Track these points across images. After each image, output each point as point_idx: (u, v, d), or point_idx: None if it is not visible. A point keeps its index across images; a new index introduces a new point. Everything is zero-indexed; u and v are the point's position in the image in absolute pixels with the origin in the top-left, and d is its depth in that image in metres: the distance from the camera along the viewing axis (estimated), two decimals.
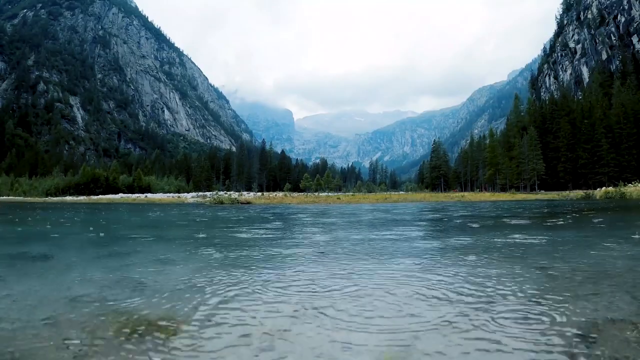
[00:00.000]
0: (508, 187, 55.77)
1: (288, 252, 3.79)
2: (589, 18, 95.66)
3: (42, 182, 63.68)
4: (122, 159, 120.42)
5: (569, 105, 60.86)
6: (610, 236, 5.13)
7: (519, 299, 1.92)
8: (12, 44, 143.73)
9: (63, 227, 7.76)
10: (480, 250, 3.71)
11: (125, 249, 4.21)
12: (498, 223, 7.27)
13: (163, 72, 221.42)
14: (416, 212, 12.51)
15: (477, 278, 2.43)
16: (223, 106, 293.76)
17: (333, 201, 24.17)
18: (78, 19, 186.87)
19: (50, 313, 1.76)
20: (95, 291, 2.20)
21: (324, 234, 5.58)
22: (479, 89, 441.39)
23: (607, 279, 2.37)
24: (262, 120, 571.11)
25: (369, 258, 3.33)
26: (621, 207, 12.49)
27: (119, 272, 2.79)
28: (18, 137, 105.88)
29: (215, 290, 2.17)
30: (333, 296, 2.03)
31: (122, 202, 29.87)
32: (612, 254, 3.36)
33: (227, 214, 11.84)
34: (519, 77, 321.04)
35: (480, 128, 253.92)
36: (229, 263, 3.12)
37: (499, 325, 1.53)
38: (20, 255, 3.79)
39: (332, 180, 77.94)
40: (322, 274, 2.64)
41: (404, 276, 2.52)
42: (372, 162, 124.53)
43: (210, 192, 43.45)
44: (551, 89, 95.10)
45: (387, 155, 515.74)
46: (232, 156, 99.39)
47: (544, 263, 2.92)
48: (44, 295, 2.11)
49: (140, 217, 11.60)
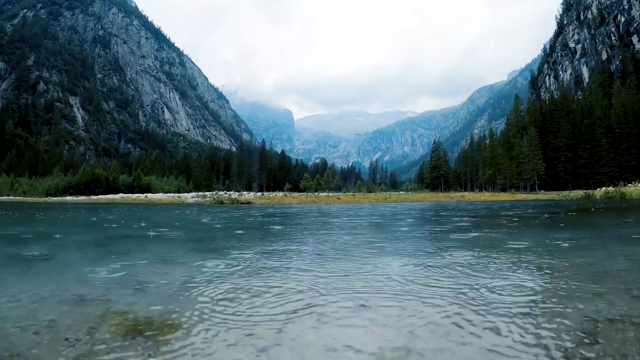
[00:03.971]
0: (508, 187, 55.73)
1: (288, 251, 3.79)
2: (589, 18, 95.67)
3: (42, 182, 63.72)
4: (122, 159, 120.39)
5: (569, 105, 60.87)
6: (610, 236, 5.13)
7: (519, 299, 1.92)
8: (12, 44, 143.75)
9: (64, 227, 7.76)
10: (479, 249, 3.70)
11: (125, 249, 4.20)
12: (498, 223, 7.27)
13: (163, 72, 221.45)
14: (416, 212, 12.51)
15: (477, 278, 2.43)
16: (223, 106, 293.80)
17: (333, 201, 24.17)
18: (78, 19, 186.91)
19: (51, 313, 1.76)
20: (95, 291, 2.19)
21: (324, 234, 5.57)
22: (479, 89, 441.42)
23: (607, 278, 2.37)
24: (262, 120, 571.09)
25: (366, 258, 3.33)
26: (621, 207, 12.49)
27: (119, 271, 2.79)
28: (18, 137, 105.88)
29: (216, 290, 2.17)
30: (333, 296, 2.03)
31: (122, 202, 29.86)
32: (612, 253, 3.36)
33: (228, 214, 11.83)
34: (519, 77, 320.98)
35: (480, 128, 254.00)
36: (229, 263, 3.12)
37: (498, 325, 1.53)
38: (20, 255, 3.79)
39: (332, 180, 77.90)
40: (322, 274, 2.64)
41: (404, 276, 2.51)
42: (372, 162, 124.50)
43: (210, 192, 43.45)
44: (551, 89, 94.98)
45: (387, 155, 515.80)
46: (232, 156, 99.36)
47: (544, 263, 2.92)
48: (44, 295, 2.10)
49: (141, 217, 11.60)
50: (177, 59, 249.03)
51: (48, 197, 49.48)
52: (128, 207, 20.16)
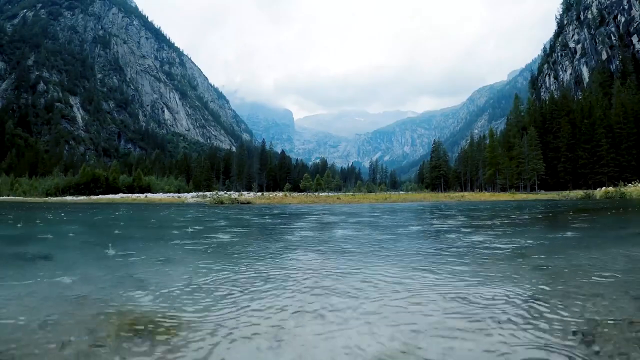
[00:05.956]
0: (508, 187, 55.72)
1: (289, 251, 3.79)
2: (589, 18, 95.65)
3: (42, 182, 63.64)
4: (122, 159, 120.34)
5: (569, 105, 60.85)
6: (610, 236, 5.13)
7: (519, 299, 1.92)
8: (12, 44, 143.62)
9: (64, 227, 7.76)
10: (479, 249, 3.70)
11: (125, 249, 4.21)
12: (498, 223, 7.27)
13: (163, 72, 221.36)
14: (416, 212, 12.51)
15: (477, 278, 2.43)
16: (223, 106, 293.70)
17: (333, 201, 24.19)
18: (78, 19, 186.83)
19: (51, 313, 1.76)
20: (95, 291, 2.19)
21: (325, 235, 5.58)
22: (479, 89, 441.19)
23: (607, 278, 2.37)
24: (262, 120, 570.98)
25: (366, 258, 3.33)
26: (621, 207, 12.49)
27: (119, 271, 2.79)
28: (18, 137, 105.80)
29: (216, 290, 2.17)
30: (334, 296, 2.03)
31: (122, 202, 29.86)
32: (612, 253, 3.36)
33: (228, 214, 11.83)
34: (519, 77, 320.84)
35: (480, 128, 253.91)
36: (230, 263, 3.12)
37: (498, 325, 1.53)
38: (20, 255, 3.79)
39: (332, 180, 77.86)
40: (322, 274, 2.64)
41: (403, 276, 2.52)
42: (372, 162, 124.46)
43: (210, 192, 43.43)
44: (551, 89, 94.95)
45: (387, 155, 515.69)
46: (232, 156, 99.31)
47: (544, 262, 2.93)
48: (44, 295, 2.10)
49: (142, 217, 11.60)
50: (177, 59, 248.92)
51: (48, 197, 49.46)
52: (128, 207, 20.17)
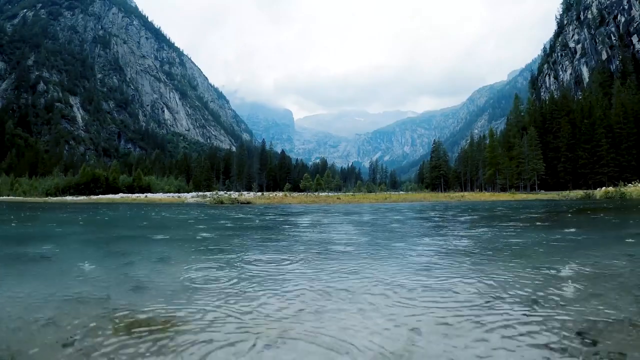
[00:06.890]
0: (508, 187, 55.73)
1: (288, 251, 3.79)
2: (589, 18, 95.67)
3: (42, 182, 63.62)
4: (122, 159, 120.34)
5: (569, 105, 60.86)
6: (610, 236, 5.13)
7: (519, 299, 1.92)
8: (12, 44, 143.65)
9: (64, 227, 7.76)
10: (480, 250, 3.70)
11: (125, 249, 4.21)
12: (498, 223, 7.27)
13: (163, 72, 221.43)
14: (416, 212, 12.51)
15: (477, 278, 2.43)
16: (223, 106, 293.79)
17: (333, 201, 24.19)
18: (78, 19, 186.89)
19: (51, 313, 1.76)
20: (95, 290, 2.19)
21: (324, 235, 5.57)
22: (479, 89, 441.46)
23: (607, 278, 2.37)
24: (262, 120, 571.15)
25: (366, 259, 3.33)
26: (621, 207, 12.49)
27: (119, 271, 2.79)
28: (18, 137, 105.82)
29: (216, 290, 2.17)
30: (334, 296, 2.03)
31: (122, 202, 29.86)
32: (612, 253, 3.36)
33: (228, 214, 11.83)
34: (519, 77, 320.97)
35: (480, 128, 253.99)
36: (230, 263, 3.12)
37: (498, 325, 1.53)
38: (20, 255, 3.79)
39: (332, 180, 77.85)
40: (322, 274, 2.64)
41: (403, 276, 2.52)
42: (372, 162, 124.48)
43: (210, 192, 43.43)
44: (551, 89, 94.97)
45: (387, 155, 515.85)
46: (232, 156, 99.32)
47: (544, 263, 2.92)
48: (44, 295, 2.10)
49: (141, 217, 11.61)
50: (177, 59, 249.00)
51: (48, 197, 49.45)
52: (128, 207, 20.17)
